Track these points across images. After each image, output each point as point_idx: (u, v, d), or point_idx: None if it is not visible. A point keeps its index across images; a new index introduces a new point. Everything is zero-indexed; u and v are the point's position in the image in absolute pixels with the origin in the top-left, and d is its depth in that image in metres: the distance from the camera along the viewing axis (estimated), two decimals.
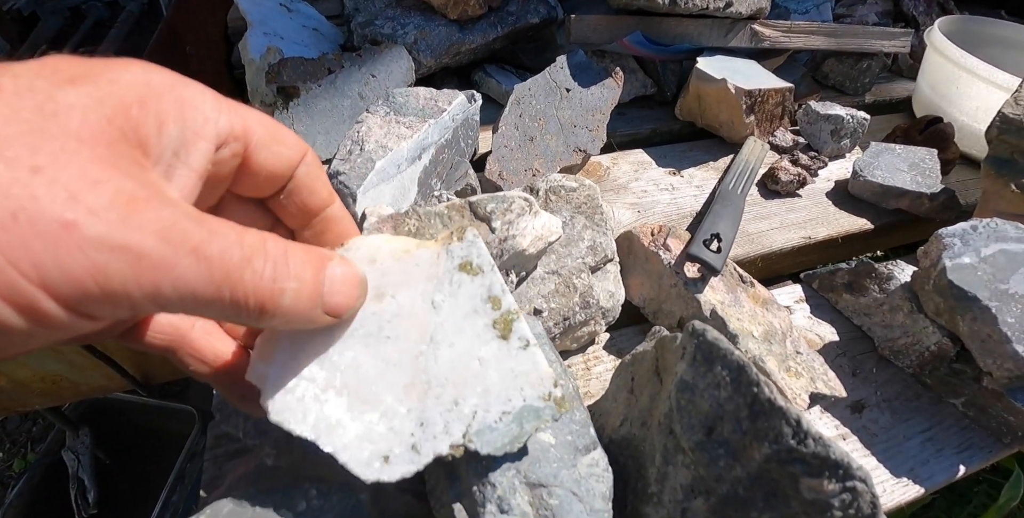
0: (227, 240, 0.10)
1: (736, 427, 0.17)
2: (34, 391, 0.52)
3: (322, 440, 0.14)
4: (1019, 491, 0.46)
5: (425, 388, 0.14)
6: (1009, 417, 0.28)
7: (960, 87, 0.48)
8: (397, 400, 0.14)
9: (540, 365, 0.13)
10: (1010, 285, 0.26)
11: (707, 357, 0.17)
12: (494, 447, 0.14)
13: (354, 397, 0.14)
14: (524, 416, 0.14)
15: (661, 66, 0.49)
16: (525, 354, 0.13)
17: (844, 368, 0.31)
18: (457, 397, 0.14)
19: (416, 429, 0.14)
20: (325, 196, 0.15)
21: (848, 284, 0.34)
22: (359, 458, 0.14)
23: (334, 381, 0.14)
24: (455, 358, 0.14)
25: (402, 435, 0.14)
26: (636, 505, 0.20)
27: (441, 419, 0.14)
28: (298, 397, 0.14)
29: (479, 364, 0.13)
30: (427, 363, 0.14)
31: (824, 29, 0.49)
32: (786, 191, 0.42)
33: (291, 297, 0.12)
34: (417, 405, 0.14)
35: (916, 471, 0.27)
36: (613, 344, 0.31)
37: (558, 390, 0.13)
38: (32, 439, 0.91)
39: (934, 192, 0.39)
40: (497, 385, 0.14)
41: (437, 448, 0.14)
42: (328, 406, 0.14)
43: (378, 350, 0.14)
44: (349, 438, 0.14)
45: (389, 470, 0.14)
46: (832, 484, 0.16)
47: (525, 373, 0.13)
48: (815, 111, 0.46)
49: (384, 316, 0.15)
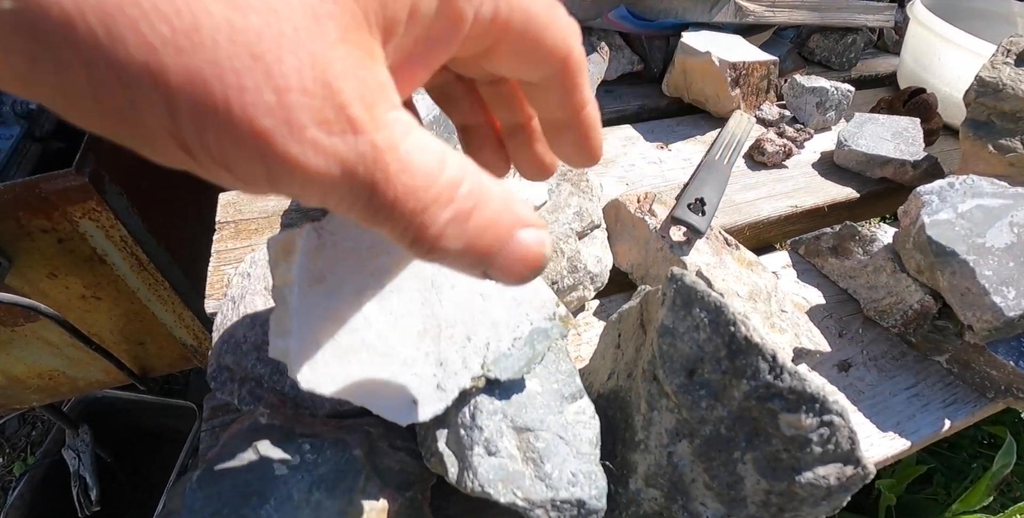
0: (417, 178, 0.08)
1: (716, 367, 0.17)
2: (30, 387, 0.52)
3: (355, 398, 0.15)
4: (1011, 458, 0.47)
5: (437, 331, 0.15)
6: (992, 371, 0.29)
7: (942, 58, 0.48)
8: (414, 347, 0.15)
9: (540, 288, 0.13)
10: (987, 239, 0.27)
11: (686, 301, 0.18)
12: (512, 372, 0.15)
13: (374, 352, 0.15)
14: (535, 338, 0.14)
15: (647, 43, 0.49)
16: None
17: (831, 329, 0.32)
18: (468, 333, 0.15)
19: (437, 370, 0.15)
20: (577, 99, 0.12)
21: (833, 248, 0.34)
22: (391, 406, 0.15)
23: (353, 342, 0.15)
24: (458, 298, 0.15)
25: (425, 378, 0.15)
26: (624, 454, 0.20)
27: (458, 356, 0.15)
28: (323, 363, 0.14)
29: (482, 299, 0.14)
30: (434, 308, 0.15)
31: (808, 3, 0.49)
32: (772, 162, 0.42)
33: (453, 258, 0.10)
34: (433, 348, 0.15)
35: (902, 425, 0.28)
36: (603, 310, 0.31)
37: (561, 308, 0.13)
38: (31, 443, 0.91)
39: (917, 160, 0.40)
40: (503, 315, 0.14)
41: (460, 383, 0.15)
42: (352, 366, 0.15)
43: (385, 304, 0.15)
44: (378, 391, 0.15)
45: (421, 411, 0.15)
46: (810, 418, 0.16)
47: (528, 299, 0.13)
48: (800, 84, 0.46)
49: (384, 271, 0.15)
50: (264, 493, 0.16)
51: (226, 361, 0.22)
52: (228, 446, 0.18)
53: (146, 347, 0.54)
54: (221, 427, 0.25)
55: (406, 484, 0.19)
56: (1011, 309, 0.25)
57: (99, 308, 0.49)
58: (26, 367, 0.50)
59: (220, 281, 0.30)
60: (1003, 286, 0.25)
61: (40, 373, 0.51)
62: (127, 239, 0.44)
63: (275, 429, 0.19)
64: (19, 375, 0.51)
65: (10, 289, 0.42)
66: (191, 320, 0.53)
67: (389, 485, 0.19)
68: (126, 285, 0.47)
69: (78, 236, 0.42)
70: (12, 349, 0.48)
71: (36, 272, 0.43)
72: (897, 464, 0.53)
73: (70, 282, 0.46)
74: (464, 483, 0.16)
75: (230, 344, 0.23)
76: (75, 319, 0.45)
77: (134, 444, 0.71)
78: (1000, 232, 0.27)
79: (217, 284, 0.30)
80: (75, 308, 0.47)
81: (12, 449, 0.91)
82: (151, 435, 0.72)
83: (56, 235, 0.42)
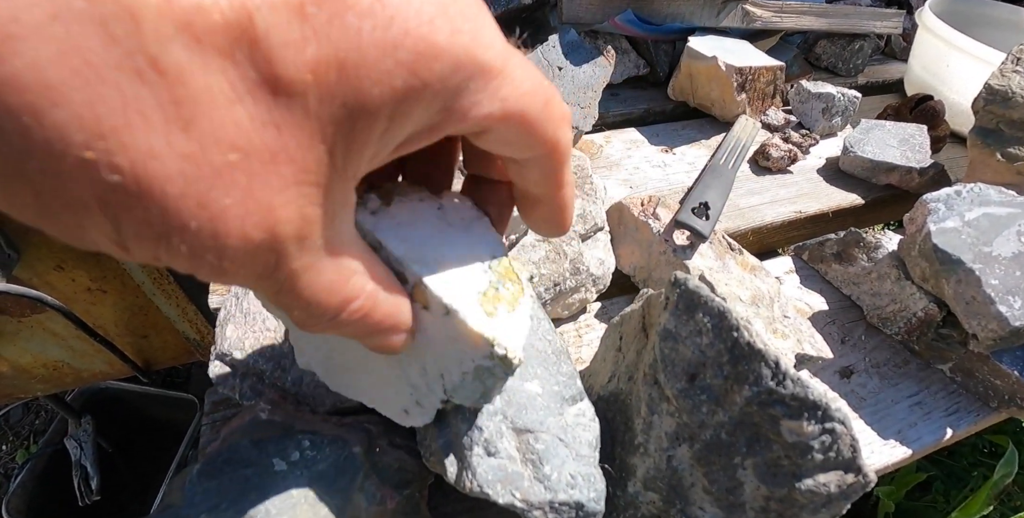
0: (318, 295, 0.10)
1: (718, 372, 0.17)
2: (35, 377, 0.53)
3: (365, 401, 0.18)
4: (1013, 468, 0.46)
5: (398, 360, 0.16)
6: (995, 381, 0.28)
7: (951, 65, 0.48)
8: (390, 372, 0.16)
9: (466, 332, 0.13)
10: (993, 248, 0.26)
11: (689, 305, 0.18)
12: (472, 400, 0.15)
13: (363, 372, 0.17)
14: (480, 375, 0.14)
15: (653, 46, 0.49)
16: (450, 321, 0.13)
17: (833, 336, 0.32)
18: (424, 364, 0.15)
19: (411, 390, 0.16)
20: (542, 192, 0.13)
21: (837, 254, 0.34)
22: (391, 412, 0.17)
23: (347, 363, 0.17)
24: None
25: (403, 396, 0.16)
26: (624, 457, 0.20)
27: (422, 381, 0.16)
28: (340, 371, 0.18)
29: (424, 334, 0.14)
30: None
31: (815, 9, 0.49)
32: (777, 167, 0.42)
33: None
34: (402, 374, 0.16)
35: (904, 433, 0.28)
36: (604, 313, 0.31)
37: (498, 349, 0.13)
38: (35, 432, 0.92)
39: (923, 167, 0.39)
40: (446, 351, 0.14)
41: (433, 402, 0.16)
42: (358, 380, 0.18)
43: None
44: (378, 398, 0.18)
45: (412, 420, 0.17)
46: (811, 425, 0.16)
47: (461, 339, 0.13)
48: (806, 90, 0.46)
49: None
50: (263, 488, 0.17)
51: (228, 356, 0.22)
52: (228, 440, 0.18)
53: (149, 340, 0.55)
54: (222, 421, 0.25)
55: (404, 482, 0.19)
56: (1017, 318, 0.25)
57: (104, 301, 0.49)
58: (32, 357, 0.51)
59: None
60: (1009, 295, 0.25)
61: (45, 363, 0.52)
62: None
63: (275, 425, 0.19)
64: (25, 365, 0.51)
65: (18, 281, 0.43)
66: (194, 315, 0.53)
67: (387, 483, 0.19)
68: (131, 279, 0.48)
69: None
70: (19, 340, 0.49)
71: (44, 264, 0.44)
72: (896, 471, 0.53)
73: (77, 275, 0.46)
74: (463, 483, 0.16)
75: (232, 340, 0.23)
76: (81, 311, 0.46)
77: (135, 435, 0.72)
78: (1007, 241, 0.27)
79: None
80: (81, 300, 0.48)
81: (16, 437, 0.92)
82: (152, 426, 0.72)
83: None
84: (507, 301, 0.14)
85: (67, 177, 0.07)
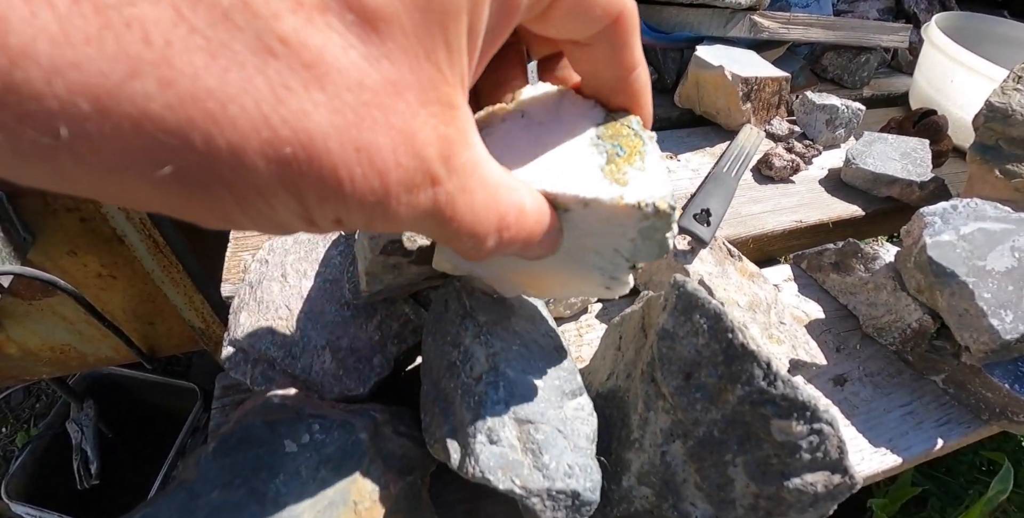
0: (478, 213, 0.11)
1: (712, 371, 0.18)
2: (42, 360, 0.54)
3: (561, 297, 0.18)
4: (1008, 484, 0.46)
5: (571, 257, 0.16)
6: (987, 393, 0.29)
7: (955, 81, 0.49)
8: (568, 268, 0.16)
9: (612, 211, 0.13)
10: (987, 262, 0.27)
11: (687, 307, 0.18)
12: (654, 256, 0.16)
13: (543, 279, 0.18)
14: (646, 234, 0.15)
15: (662, 54, 0.50)
16: (592, 209, 0.13)
17: (828, 344, 0.32)
18: (596, 249, 0.16)
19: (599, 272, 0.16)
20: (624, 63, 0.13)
21: (835, 263, 0.35)
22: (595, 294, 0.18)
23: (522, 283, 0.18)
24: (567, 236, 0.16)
25: (596, 279, 0.17)
26: (619, 452, 0.21)
27: (603, 261, 0.16)
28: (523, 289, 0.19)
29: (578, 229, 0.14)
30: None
31: (823, 22, 0.50)
32: (780, 177, 0.43)
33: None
34: (582, 264, 0.16)
35: (895, 442, 0.28)
36: (605, 313, 0.32)
37: (647, 208, 0.13)
38: (35, 415, 0.93)
39: (924, 180, 0.40)
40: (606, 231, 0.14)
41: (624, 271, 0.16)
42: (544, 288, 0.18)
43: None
44: (573, 291, 0.18)
45: (617, 291, 0.17)
46: (800, 425, 0.17)
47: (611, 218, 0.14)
48: (811, 100, 0.47)
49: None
50: (275, 467, 0.17)
51: (241, 343, 0.23)
52: (243, 421, 0.19)
53: (155, 327, 0.56)
54: (231, 405, 0.26)
55: (407, 469, 0.20)
56: (1008, 332, 0.25)
57: (114, 287, 0.50)
58: (40, 340, 0.52)
59: (237, 266, 0.31)
60: (1001, 309, 0.26)
61: (53, 347, 0.53)
62: (146, 221, 0.46)
63: (287, 408, 0.20)
64: (33, 347, 0.52)
65: (32, 264, 0.43)
66: (201, 304, 0.54)
67: (391, 469, 0.20)
68: (141, 266, 0.49)
69: (100, 216, 0.44)
70: (28, 322, 0.50)
71: (57, 249, 0.45)
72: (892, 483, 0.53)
73: (88, 260, 0.47)
74: (465, 469, 0.17)
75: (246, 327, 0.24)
76: (90, 296, 0.46)
77: (135, 421, 0.73)
78: (1001, 256, 0.27)
79: (234, 269, 0.31)
80: (91, 286, 0.49)
81: (16, 420, 0.93)
82: (152, 413, 0.73)
83: (79, 214, 0.43)
84: (629, 160, 0.14)
85: (252, 168, 0.08)
